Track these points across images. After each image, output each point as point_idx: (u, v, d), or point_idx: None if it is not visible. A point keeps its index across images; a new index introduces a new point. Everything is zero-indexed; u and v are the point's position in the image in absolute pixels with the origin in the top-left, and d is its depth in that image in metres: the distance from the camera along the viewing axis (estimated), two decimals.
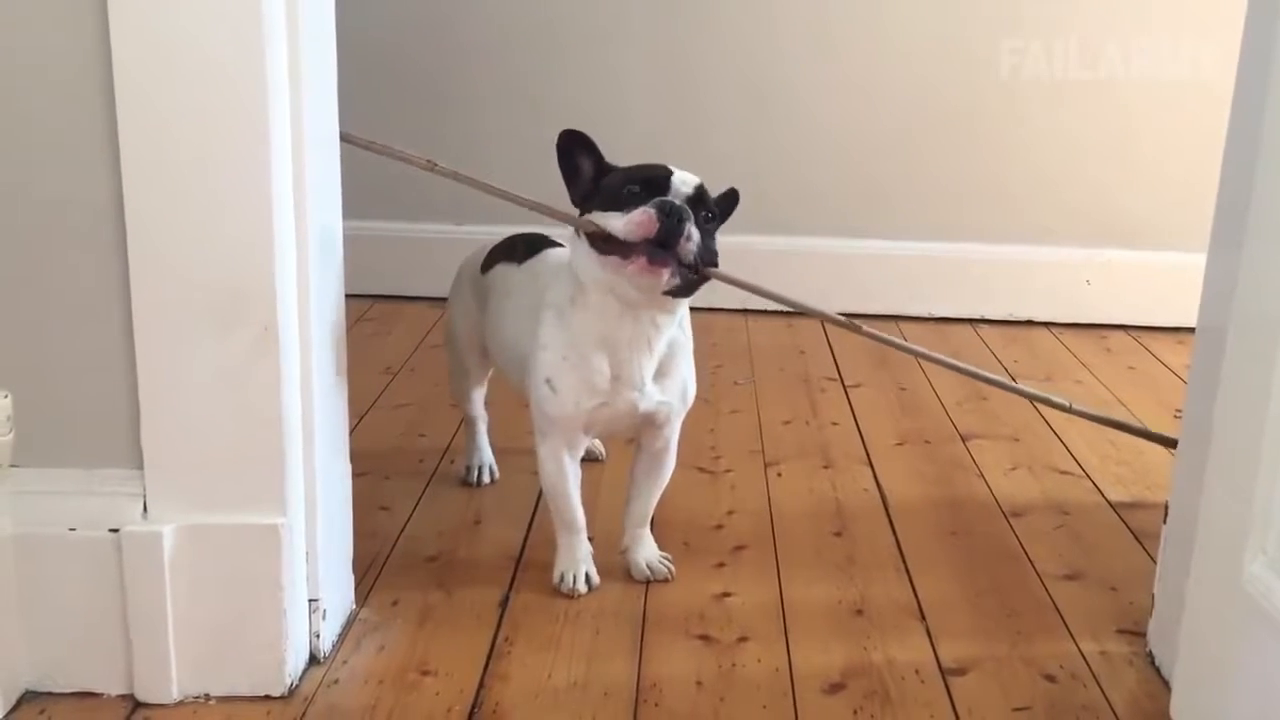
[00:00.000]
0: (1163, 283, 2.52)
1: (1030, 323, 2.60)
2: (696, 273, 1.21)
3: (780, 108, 2.59)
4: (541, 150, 2.21)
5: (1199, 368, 1.17)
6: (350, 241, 1.23)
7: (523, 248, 1.47)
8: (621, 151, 1.29)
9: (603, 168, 1.28)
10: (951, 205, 2.61)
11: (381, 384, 2.02)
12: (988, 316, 2.61)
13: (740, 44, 2.56)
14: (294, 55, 1.04)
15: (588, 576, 1.35)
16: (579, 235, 1.25)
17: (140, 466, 1.08)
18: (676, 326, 1.30)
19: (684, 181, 1.23)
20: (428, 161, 1.28)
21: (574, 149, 1.28)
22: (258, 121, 1.02)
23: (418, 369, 2.13)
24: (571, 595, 1.33)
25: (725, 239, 1.27)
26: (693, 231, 1.18)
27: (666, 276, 1.19)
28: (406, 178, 1.56)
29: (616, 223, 1.19)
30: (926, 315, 2.61)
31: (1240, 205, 1.00)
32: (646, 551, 1.39)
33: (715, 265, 1.24)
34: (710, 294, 2.61)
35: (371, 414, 1.89)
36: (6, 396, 1.01)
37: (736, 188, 1.33)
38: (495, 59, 2.57)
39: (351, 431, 1.27)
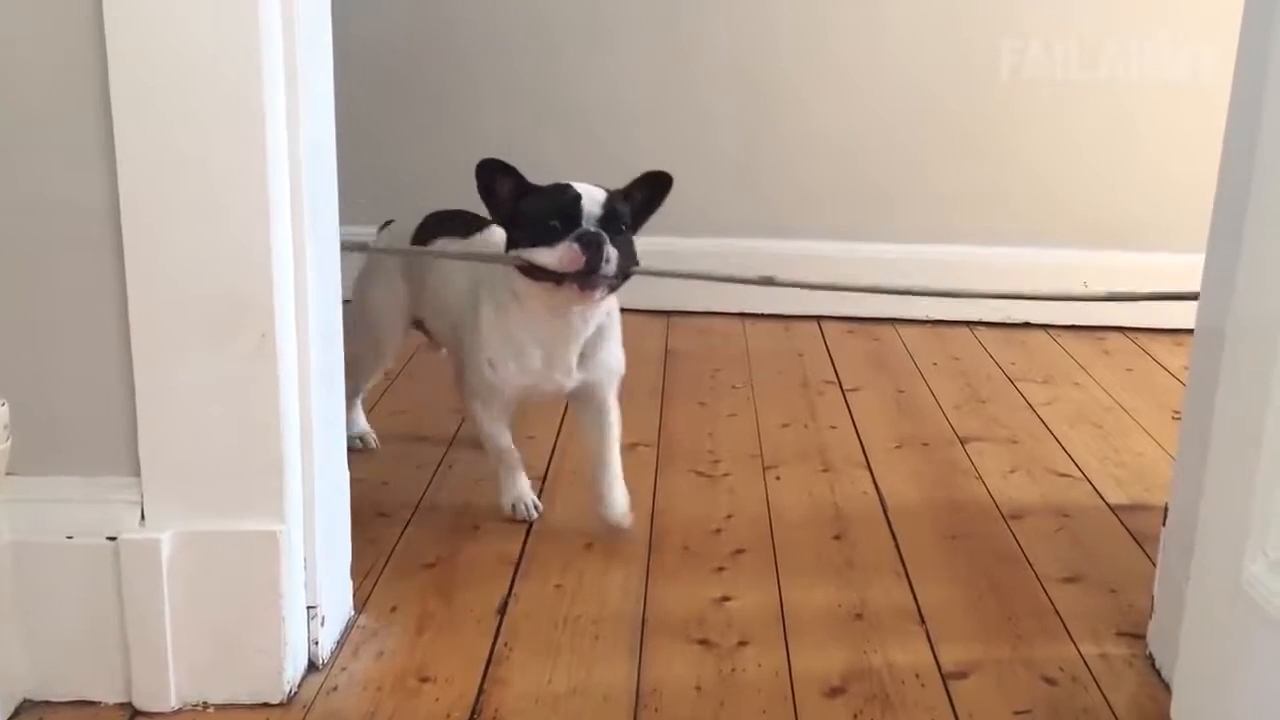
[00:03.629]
0: (1161, 284, 2.50)
1: (1028, 325, 2.59)
2: (621, 277, 1.37)
3: (778, 109, 2.59)
4: (540, 151, 2.20)
5: (1198, 369, 1.17)
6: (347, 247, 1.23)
7: (463, 223, 1.60)
8: (620, 154, 1.30)
9: (522, 186, 1.40)
10: (949, 207, 2.61)
11: (379, 390, 2.01)
12: (985, 319, 2.60)
13: (738, 45, 2.56)
14: (290, 58, 1.04)
15: (535, 504, 1.56)
16: (513, 267, 1.39)
17: (138, 474, 1.08)
18: (605, 314, 1.46)
19: (593, 201, 1.36)
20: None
21: (493, 175, 1.39)
22: (254, 126, 1.01)
23: (415, 375, 2.13)
24: (526, 520, 1.53)
25: (724, 243, 1.28)
26: (611, 253, 1.33)
27: (597, 295, 1.37)
28: (405, 185, 1.56)
29: (548, 258, 1.34)
30: (924, 318, 2.61)
31: (1238, 206, 0.99)
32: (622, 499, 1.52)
33: (636, 264, 1.38)
34: (709, 299, 2.60)
35: (369, 420, 1.88)
36: (4, 404, 1.01)
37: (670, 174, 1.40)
38: (492, 59, 2.57)
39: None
